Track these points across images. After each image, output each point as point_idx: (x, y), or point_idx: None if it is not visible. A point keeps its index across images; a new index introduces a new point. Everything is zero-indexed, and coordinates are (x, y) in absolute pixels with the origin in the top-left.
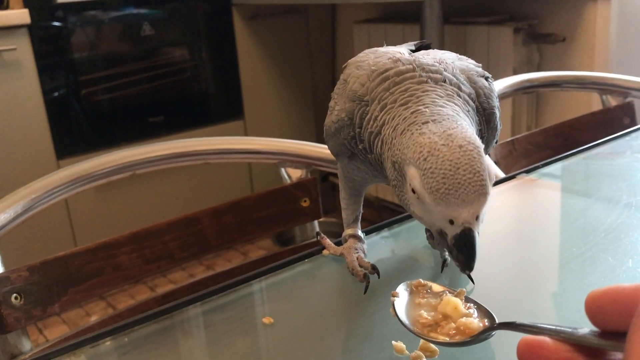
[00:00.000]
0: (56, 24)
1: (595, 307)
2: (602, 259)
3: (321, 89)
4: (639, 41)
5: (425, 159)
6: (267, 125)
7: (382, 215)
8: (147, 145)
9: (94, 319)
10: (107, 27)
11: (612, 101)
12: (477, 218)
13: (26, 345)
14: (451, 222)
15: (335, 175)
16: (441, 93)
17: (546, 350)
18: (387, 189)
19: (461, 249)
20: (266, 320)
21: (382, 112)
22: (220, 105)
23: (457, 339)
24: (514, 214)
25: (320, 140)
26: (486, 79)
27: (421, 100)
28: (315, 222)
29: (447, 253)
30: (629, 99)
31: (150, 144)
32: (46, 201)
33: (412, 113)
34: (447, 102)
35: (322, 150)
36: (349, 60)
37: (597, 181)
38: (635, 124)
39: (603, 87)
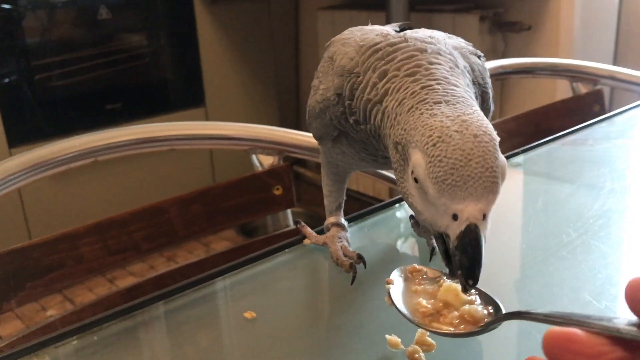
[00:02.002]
0: (5, 6)
1: (638, 296)
2: (593, 246)
3: (284, 76)
4: (602, 31)
5: (434, 145)
6: (229, 112)
7: (349, 205)
8: (110, 130)
9: (50, 313)
10: (61, 10)
11: (582, 89)
12: (484, 217)
13: None
14: (455, 217)
15: (300, 163)
16: (447, 67)
17: (578, 343)
18: (354, 179)
19: (465, 250)
20: (248, 314)
21: (384, 81)
22: (180, 92)
23: (462, 328)
24: (499, 202)
25: (284, 127)
26: (479, 57)
27: (432, 74)
28: (288, 211)
29: (434, 240)
30: (598, 87)
31: (113, 129)
32: (6, 187)
33: (422, 88)
34: (458, 80)
35: (296, 136)
36: (333, 38)
37: (578, 167)
38: (605, 112)
39: (575, 75)
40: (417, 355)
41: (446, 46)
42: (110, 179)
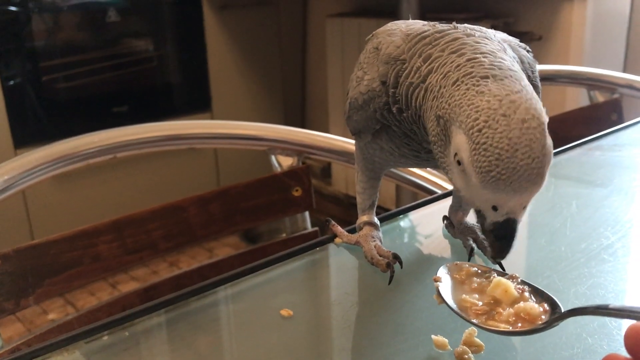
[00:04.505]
0: (12, 8)
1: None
2: (635, 250)
3: (291, 83)
4: (612, 41)
5: (479, 130)
6: (235, 118)
7: (351, 213)
8: (130, 127)
9: (51, 316)
10: (69, 12)
11: (600, 97)
12: (524, 207)
13: None
14: (495, 208)
15: None
16: (495, 47)
17: None
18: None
19: (499, 238)
20: (284, 312)
21: (428, 62)
22: (187, 97)
23: (520, 327)
24: (532, 205)
25: None
26: (527, 51)
27: (478, 49)
28: (306, 213)
29: (471, 241)
30: (616, 95)
31: (134, 126)
32: (23, 182)
33: (467, 61)
34: (505, 56)
35: (316, 137)
36: (376, 31)
37: (608, 172)
38: (623, 121)
39: (594, 83)
40: (466, 356)
41: (495, 36)
42: (110, 182)
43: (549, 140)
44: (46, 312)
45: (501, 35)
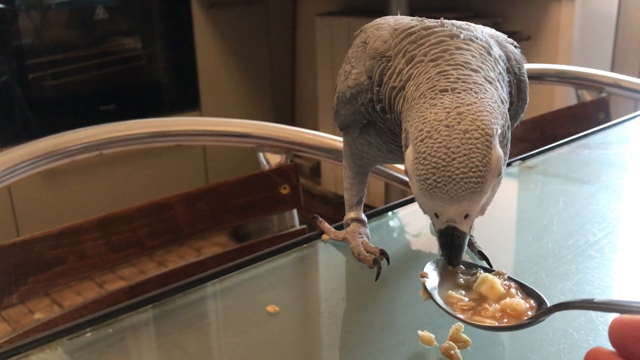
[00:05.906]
0: None
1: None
2: (621, 246)
3: (281, 82)
4: (600, 40)
5: (422, 141)
6: (224, 116)
7: (340, 212)
8: (116, 124)
9: (37, 316)
10: (57, 10)
11: (587, 96)
12: (466, 216)
13: None
14: (436, 215)
15: None
16: (475, 52)
17: None
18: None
19: (443, 246)
20: (270, 308)
21: (409, 66)
22: (176, 95)
23: (506, 322)
24: (520, 202)
25: None
26: (515, 46)
27: (453, 59)
28: (294, 211)
29: None
30: (603, 94)
31: (120, 122)
32: (9, 178)
33: (437, 73)
34: (482, 65)
35: (305, 135)
36: (365, 25)
37: (595, 169)
38: (610, 119)
39: (582, 82)
40: (452, 352)
41: (482, 34)
42: (96, 179)
43: (496, 152)
44: (32, 312)
45: (489, 30)
